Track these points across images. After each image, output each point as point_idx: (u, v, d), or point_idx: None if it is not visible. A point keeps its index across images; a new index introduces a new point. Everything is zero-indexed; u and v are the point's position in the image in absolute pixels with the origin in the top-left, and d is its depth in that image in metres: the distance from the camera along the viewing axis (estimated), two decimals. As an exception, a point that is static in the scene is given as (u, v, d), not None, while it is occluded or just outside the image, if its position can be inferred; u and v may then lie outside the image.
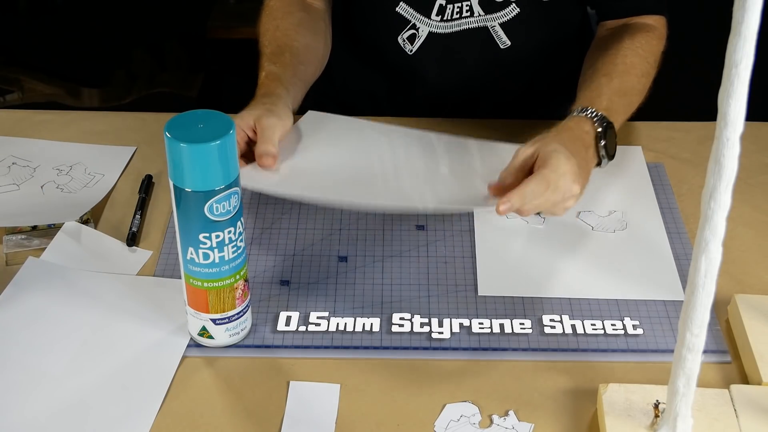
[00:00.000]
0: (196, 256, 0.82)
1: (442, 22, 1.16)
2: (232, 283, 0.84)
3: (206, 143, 0.76)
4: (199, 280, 0.83)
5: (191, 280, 0.84)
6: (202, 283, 0.83)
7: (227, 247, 0.82)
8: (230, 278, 0.84)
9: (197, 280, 0.84)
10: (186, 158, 0.77)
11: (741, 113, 0.57)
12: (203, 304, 0.85)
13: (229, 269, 0.83)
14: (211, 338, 0.87)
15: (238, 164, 0.80)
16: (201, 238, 0.81)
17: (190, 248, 0.82)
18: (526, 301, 0.93)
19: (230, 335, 0.87)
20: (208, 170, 0.78)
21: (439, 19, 1.15)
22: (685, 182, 1.11)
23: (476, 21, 1.16)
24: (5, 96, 2.37)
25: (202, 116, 0.79)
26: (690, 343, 0.67)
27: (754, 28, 0.55)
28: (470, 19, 1.16)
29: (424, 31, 1.17)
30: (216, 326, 0.86)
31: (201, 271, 0.83)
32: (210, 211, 0.79)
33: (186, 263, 0.83)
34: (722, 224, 0.61)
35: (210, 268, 0.82)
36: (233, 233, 0.82)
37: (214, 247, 0.81)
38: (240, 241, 0.83)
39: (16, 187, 1.10)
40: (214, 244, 0.81)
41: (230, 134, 0.77)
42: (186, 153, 0.76)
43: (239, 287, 0.85)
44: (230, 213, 0.80)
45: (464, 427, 0.80)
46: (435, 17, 1.15)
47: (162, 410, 0.82)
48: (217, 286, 0.84)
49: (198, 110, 0.80)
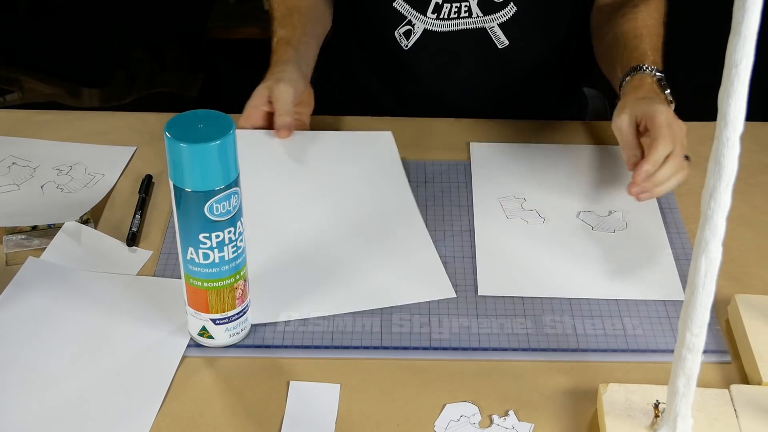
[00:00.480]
0: (196, 256, 0.82)
1: (438, 20, 1.16)
2: (232, 283, 0.84)
3: (206, 143, 0.76)
4: (199, 280, 0.83)
5: (191, 280, 0.84)
6: (202, 283, 0.83)
7: (227, 247, 0.82)
8: (230, 278, 0.84)
9: (197, 280, 0.84)
10: (186, 158, 0.77)
11: (741, 113, 0.57)
12: (203, 304, 0.85)
13: (229, 269, 0.83)
14: (211, 338, 0.87)
15: (237, 164, 0.80)
16: (201, 238, 0.81)
17: (190, 248, 0.82)
18: (526, 301, 0.93)
19: (230, 335, 0.87)
20: (208, 170, 0.78)
21: (435, 17, 1.16)
22: (685, 182, 1.10)
23: (474, 22, 1.16)
24: (5, 96, 2.37)
25: (202, 116, 0.79)
26: (690, 343, 0.67)
27: (754, 28, 0.55)
28: (468, 20, 1.16)
29: (420, 28, 1.17)
30: (216, 326, 0.86)
31: (201, 271, 0.83)
32: (210, 211, 0.79)
33: (186, 263, 0.83)
34: (722, 224, 0.61)
35: (210, 268, 0.82)
36: (233, 233, 0.82)
37: (214, 247, 0.81)
38: (240, 241, 0.83)
39: (16, 187, 1.10)
40: (214, 244, 0.81)
41: (230, 134, 0.77)
42: (186, 153, 0.76)
43: (239, 287, 0.85)
44: (230, 213, 0.80)
45: (464, 427, 0.80)
46: (431, 15, 1.16)
47: (162, 410, 0.82)
48: (218, 286, 0.84)
49: (198, 110, 0.80)
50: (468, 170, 1.12)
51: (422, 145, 1.17)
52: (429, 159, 1.14)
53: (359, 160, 1.11)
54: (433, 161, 1.14)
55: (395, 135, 1.17)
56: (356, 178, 1.09)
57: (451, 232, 1.03)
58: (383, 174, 1.09)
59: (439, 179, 1.11)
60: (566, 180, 1.09)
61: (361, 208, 1.05)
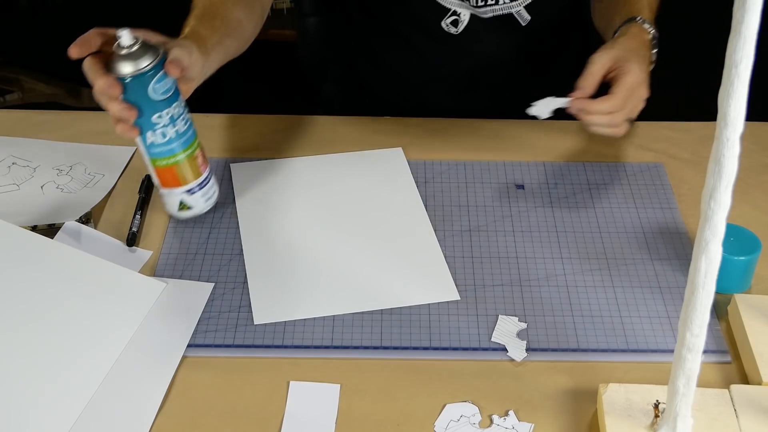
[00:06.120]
0: (155, 137, 0.93)
1: (473, 7, 1.18)
2: (192, 153, 0.96)
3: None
4: (164, 159, 0.95)
5: (158, 162, 0.95)
6: (168, 160, 0.95)
7: (178, 121, 0.93)
8: (189, 148, 0.96)
9: (163, 159, 0.95)
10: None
11: (741, 113, 0.57)
12: (174, 179, 0.97)
13: (186, 140, 0.95)
14: (191, 209, 0.99)
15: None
16: (155, 120, 0.91)
17: (149, 132, 0.92)
18: (525, 301, 0.93)
19: (205, 200, 1.00)
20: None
21: (469, 3, 1.18)
22: (685, 182, 1.11)
23: (501, 9, 1.18)
24: (5, 96, 2.37)
25: None
26: (690, 343, 0.67)
27: (754, 28, 0.55)
28: (495, 7, 1.18)
29: (466, 15, 1.20)
30: (191, 196, 0.98)
31: (164, 150, 0.94)
32: (154, 93, 0.90)
33: (148, 149, 0.94)
34: (722, 224, 0.61)
35: (170, 144, 0.94)
36: (179, 107, 0.93)
37: (167, 125, 0.92)
38: (186, 114, 0.95)
39: (16, 187, 1.10)
40: (167, 122, 0.92)
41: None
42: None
43: (198, 155, 0.97)
44: (170, 90, 0.91)
45: (464, 427, 0.80)
46: (465, 1, 1.18)
47: (162, 410, 0.82)
48: (181, 159, 0.95)
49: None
50: (468, 170, 1.12)
51: (422, 145, 1.17)
52: (429, 159, 1.14)
53: (371, 175, 1.12)
54: (433, 161, 1.14)
55: (397, 135, 1.17)
56: (366, 188, 1.09)
57: (451, 232, 1.03)
58: (393, 184, 1.10)
59: (439, 179, 1.11)
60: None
61: (368, 213, 1.05)
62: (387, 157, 1.15)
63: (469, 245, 1.01)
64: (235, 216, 1.05)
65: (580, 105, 0.97)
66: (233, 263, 0.98)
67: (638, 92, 0.99)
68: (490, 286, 0.95)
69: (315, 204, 1.07)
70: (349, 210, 1.06)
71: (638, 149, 1.17)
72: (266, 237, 1.02)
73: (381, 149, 1.16)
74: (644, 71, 0.99)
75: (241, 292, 0.95)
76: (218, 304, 0.93)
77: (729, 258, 0.90)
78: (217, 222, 1.04)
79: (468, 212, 1.06)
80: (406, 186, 1.09)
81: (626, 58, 0.99)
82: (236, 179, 1.11)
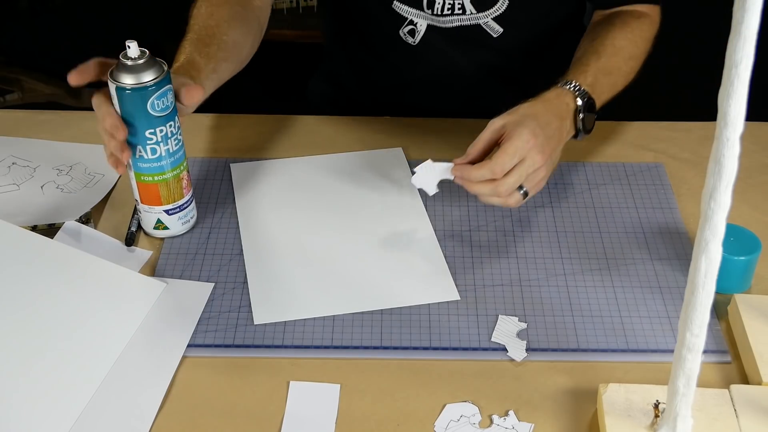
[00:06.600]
0: (144, 152, 0.92)
1: (434, 16, 1.16)
2: (178, 174, 0.96)
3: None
4: (149, 175, 0.94)
5: (142, 177, 0.94)
6: (153, 177, 0.94)
7: (170, 140, 0.93)
8: (176, 169, 0.95)
9: (148, 175, 0.94)
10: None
11: (741, 113, 0.57)
12: (155, 197, 0.96)
13: (175, 160, 0.95)
14: (167, 229, 0.99)
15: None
16: (147, 135, 0.91)
17: (139, 146, 0.92)
18: (525, 301, 0.93)
19: (182, 223, 0.99)
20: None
21: (430, 13, 1.16)
22: (685, 182, 1.11)
23: (469, 19, 1.16)
24: (5, 96, 2.37)
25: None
26: (690, 343, 0.67)
27: (754, 28, 0.55)
28: (462, 17, 1.16)
29: (422, 25, 1.17)
30: (169, 216, 0.98)
31: (150, 166, 0.93)
32: (152, 108, 0.89)
33: (135, 162, 0.93)
34: (722, 224, 0.61)
35: (158, 162, 0.93)
36: (173, 127, 0.93)
37: (160, 142, 0.92)
38: (179, 135, 0.94)
39: (16, 187, 1.10)
40: (159, 139, 0.92)
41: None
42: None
43: (184, 177, 0.97)
44: (169, 108, 0.91)
45: (464, 427, 0.80)
46: (426, 10, 1.16)
47: (162, 410, 0.82)
48: (167, 178, 0.95)
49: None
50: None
51: (422, 145, 1.17)
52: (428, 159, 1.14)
53: (371, 174, 1.12)
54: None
55: (395, 135, 1.16)
56: (366, 188, 1.09)
57: (451, 232, 1.03)
58: (393, 184, 1.10)
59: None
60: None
61: (368, 213, 1.05)
62: (387, 157, 1.15)
63: (469, 245, 1.01)
64: (235, 216, 1.05)
65: (459, 172, 0.93)
66: (233, 263, 0.98)
67: (528, 160, 0.92)
68: (490, 286, 0.95)
69: (315, 204, 1.07)
70: (350, 210, 1.06)
71: (638, 149, 1.17)
72: (266, 237, 1.02)
73: (381, 149, 1.16)
74: (538, 137, 0.92)
75: (241, 292, 0.95)
76: (218, 304, 0.93)
77: (729, 258, 0.90)
78: (217, 222, 1.04)
79: (468, 212, 1.06)
80: (406, 186, 1.09)
81: (520, 122, 0.93)
82: (236, 179, 1.11)
